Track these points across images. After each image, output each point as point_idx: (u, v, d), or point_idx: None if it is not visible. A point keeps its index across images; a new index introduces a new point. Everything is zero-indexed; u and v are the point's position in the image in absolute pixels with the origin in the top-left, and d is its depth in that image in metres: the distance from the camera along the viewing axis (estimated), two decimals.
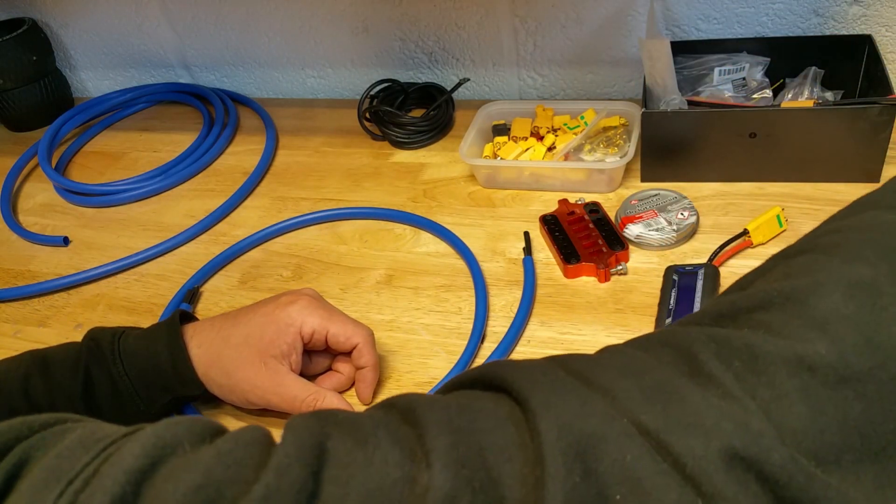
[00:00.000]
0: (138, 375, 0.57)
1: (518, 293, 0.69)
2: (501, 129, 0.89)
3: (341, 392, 0.63)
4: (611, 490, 0.26)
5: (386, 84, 0.99)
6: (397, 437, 0.30)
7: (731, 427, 0.27)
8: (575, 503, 0.26)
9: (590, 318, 0.66)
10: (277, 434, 0.31)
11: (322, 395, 0.58)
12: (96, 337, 0.59)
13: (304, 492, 0.27)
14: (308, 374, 0.62)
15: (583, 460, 0.27)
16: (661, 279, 0.67)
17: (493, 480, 0.27)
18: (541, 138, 0.86)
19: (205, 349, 0.58)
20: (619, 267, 0.69)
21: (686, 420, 0.28)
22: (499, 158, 0.84)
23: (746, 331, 0.31)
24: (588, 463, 0.27)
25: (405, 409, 0.31)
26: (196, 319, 0.62)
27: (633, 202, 0.74)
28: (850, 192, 0.74)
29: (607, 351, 0.34)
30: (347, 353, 0.62)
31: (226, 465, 0.28)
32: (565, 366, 0.32)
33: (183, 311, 0.61)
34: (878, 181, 0.74)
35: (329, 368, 0.64)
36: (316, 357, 0.63)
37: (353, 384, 0.63)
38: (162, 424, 0.30)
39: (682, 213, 0.72)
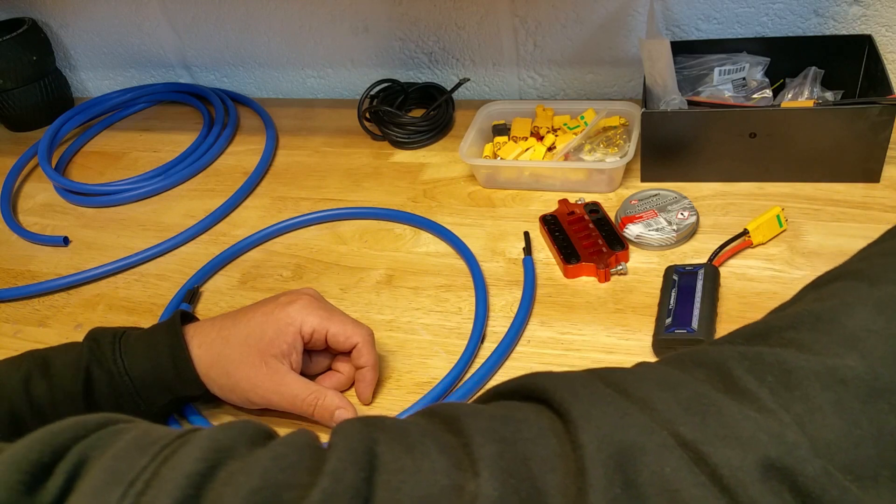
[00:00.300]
0: (139, 376, 0.58)
1: (518, 293, 0.69)
2: (501, 129, 0.89)
3: (341, 391, 0.63)
4: (650, 501, 0.27)
5: (386, 84, 0.99)
6: (443, 446, 0.30)
7: (766, 438, 0.28)
8: None
9: (590, 318, 0.66)
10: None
11: (322, 394, 0.58)
12: (97, 337, 0.59)
13: (359, 497, 0.27)
14: (308, 374, 0.62)
15: (623, 471, 0.27)
16: (661, 279, 0.67)
17: (538, 490, 0.28)
18: (541, 138, 0.86)
19: (205, 349, 0.58)
20: (619, 267, 0.69)
21: (723, 431, 0.28)
22: (499, 158, 0.84)
23: (778, 348, 0.32)
24: (628, 474, 0.27)
25: (448, 417, 0.32)
26: (196, 319, 0.63)
27: (633, 202, 0.74)
28: (850, 192, 0.74)
29: (642, 365, 0.35)
30: (347, 353, 0.62)
31: (281, 469, 0.28)
32: (604, 378, 0.32)
33: (183, 311, 0.62)
34: (877, 181, 0.74)
35: (329, 368, 0.64)
36: (316, 357, 0.63)
37: (352, 384, 0.63)
38: (216, 428, 0.31)
39: (682, 213, 0.72)
